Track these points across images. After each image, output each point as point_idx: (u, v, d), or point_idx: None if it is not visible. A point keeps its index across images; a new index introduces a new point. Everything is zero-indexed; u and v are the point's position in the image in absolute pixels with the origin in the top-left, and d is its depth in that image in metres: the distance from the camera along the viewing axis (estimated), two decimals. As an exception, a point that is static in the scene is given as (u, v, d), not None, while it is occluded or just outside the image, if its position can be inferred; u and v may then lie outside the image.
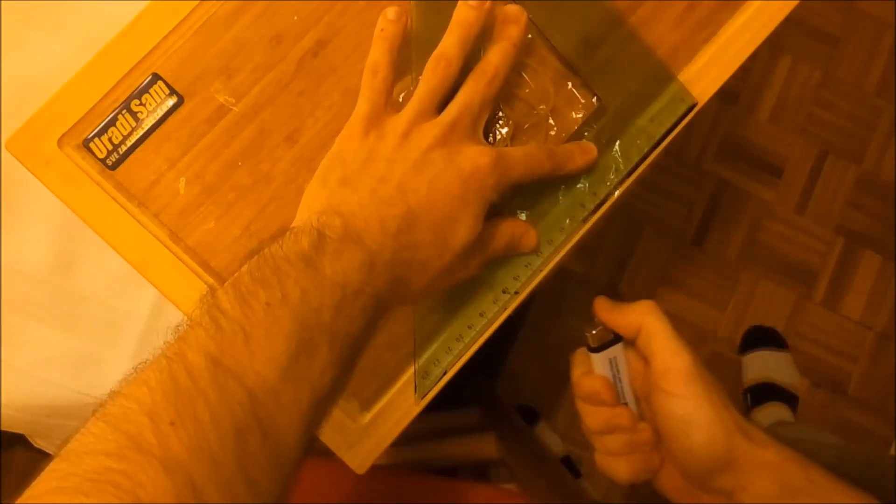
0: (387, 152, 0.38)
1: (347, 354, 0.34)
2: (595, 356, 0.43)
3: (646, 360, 0.41)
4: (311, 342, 0.32)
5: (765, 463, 0.38)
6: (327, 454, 0.44)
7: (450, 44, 0.41)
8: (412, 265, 0.37)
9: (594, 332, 0.42)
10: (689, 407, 0.39)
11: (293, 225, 0.36)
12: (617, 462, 0.42)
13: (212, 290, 0.33)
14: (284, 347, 0.31)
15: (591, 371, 0.43)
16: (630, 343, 0.43)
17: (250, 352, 0.31)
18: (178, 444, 0.28)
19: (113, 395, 0.30)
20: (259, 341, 0.31)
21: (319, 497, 0.65)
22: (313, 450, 0.38)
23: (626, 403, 0.43)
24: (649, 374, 0.41)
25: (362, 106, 0.40)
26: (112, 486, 0.26)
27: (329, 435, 0.44)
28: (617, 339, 0.42)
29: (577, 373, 0.44)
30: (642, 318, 0.41)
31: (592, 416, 0.43)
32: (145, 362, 0.31)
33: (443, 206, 0.38)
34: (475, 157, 0.39)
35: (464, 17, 0.41)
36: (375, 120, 0.40)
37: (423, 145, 0.38)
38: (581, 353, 0.44)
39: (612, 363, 0.42)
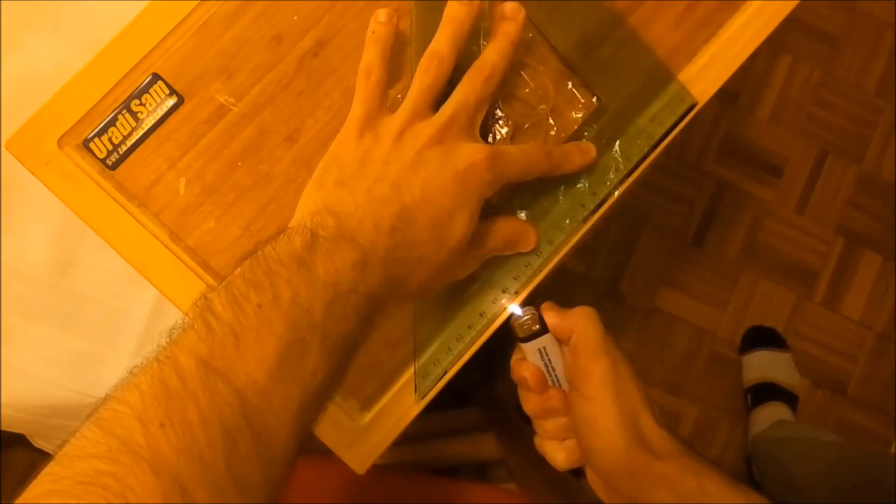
0: (382, 153, 0.39)
1: (340, 353, 0.35)
2: (525, 346, 0.43)
3: (572, 359, 0.42)
4: (301, 342, 0.32)
5: (661, 475, 0.39)
6: (327, 454, 0.44)
7: (441, 41, 0.41)
8: (408, 263, 0.38)
9: (520, 321, 0.43)
10: (594, 411, 0.40)
11: (289, 226, 0.37)
12: (554, 446, 0.44)
13: (205, 293, 0.33)
14: (275, 348, 0.32)
15: (525, 358, 0.44)
16: (564, 343, 0.44)
17: (240, 354, 0.31)
18: (167, 446, 0.28)
19: (106, 399, 0.30)
20: (249, 343, 0.31)
21: (319, 497, 0.65)
22: (313, 449, 0.38)
23: (560, 388, 0.44)
24: (570, 372, 0.42)
25: (357, 108, 0.41)
26: (102, 488, 0.26)
27: (329, 434, 0.44)
28: (543, 330, 0.43)
29: (513, 359, 0.45)
30: (577, 320, 0.42)
31: (527, 402, 0.44)
32: (139, 366, 0.31)
33: (438, 204, 0.38)
34: (471, 154, 0.39)
35: (455, 14, 0.41)
36: (371, 121, 0.40)
37: (418, 144, 0.38)
38: None
39: (543, 352, 0.43)
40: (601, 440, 0.40)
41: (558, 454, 0.44)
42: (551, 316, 0.43)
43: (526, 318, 0.43)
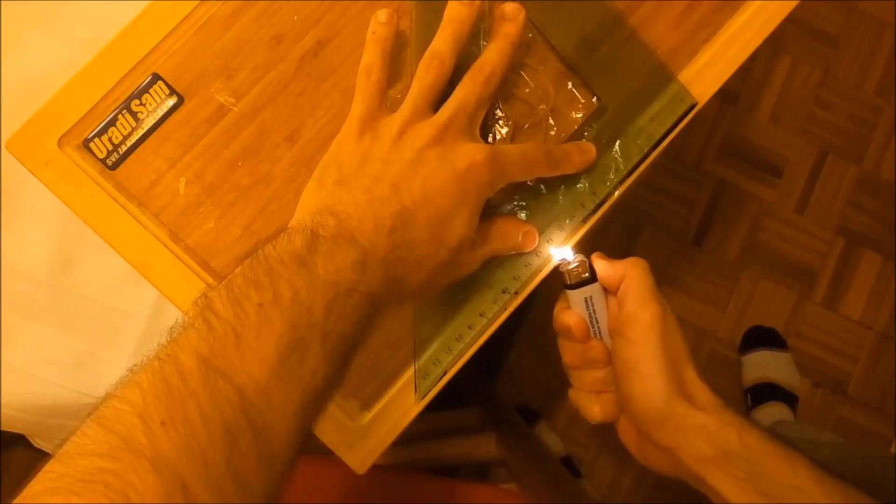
0: (382, 153, 0.39)
1: (341, 352, 0.35)
2: (571, 293, 0.43)
3: (620, 306, 0.42)
4: (302, 341, 0.32)
5: (701, 426, 0.38)
6: (327, 454, 0.44)
7: (442, 41, 0.41)
8: (407, 263, 0.38)
9: (569, 268, 0.43)
10: (637, 355, 0.40)
11: (289, 226, 0.37)
12: (590, 399, 0.44)
13: (206, 291, 0.33)
14: (275, 347, 0.32)
15: (569, 307, 0.44)
16: (612, 292, 0.43)
17: (241, 353, 0.31)
18: (169, 444, 0.28)
19: (107, 397, 0.30)
20: (250, 342, 0.31)
21: (319, 497, 0.65)
22: (313, 449, 0.38)
23: (602, 340, 0.44)
24: (617, 318, 0.42)
25: (357, 108, 0.41)
26: (103, 485, 0.26)
27: (329, 435, 0.44)
28: (592, 279, 0.43)
29: (557, 307, 0.44)
30: (628, 269, 0.42)
31: (568, 351, 0.44)
32: (139, 365, 0.31)
33: (438, 204, 0.38)
34: (470, 154, 0.39)
35: (456, 14, 0.41)
36: (370, 121, 0.40)
37: (418, 144, 0.38)
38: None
39: (588, 302, 0.43)
40: (642, 384, 0.39)
41: (594, 406, 0.43)
42: (602, 264, 0.42)
43: (575, 265, 0.42)
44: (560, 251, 0.44)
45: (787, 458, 0.38)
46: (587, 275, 0.42)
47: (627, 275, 0.41)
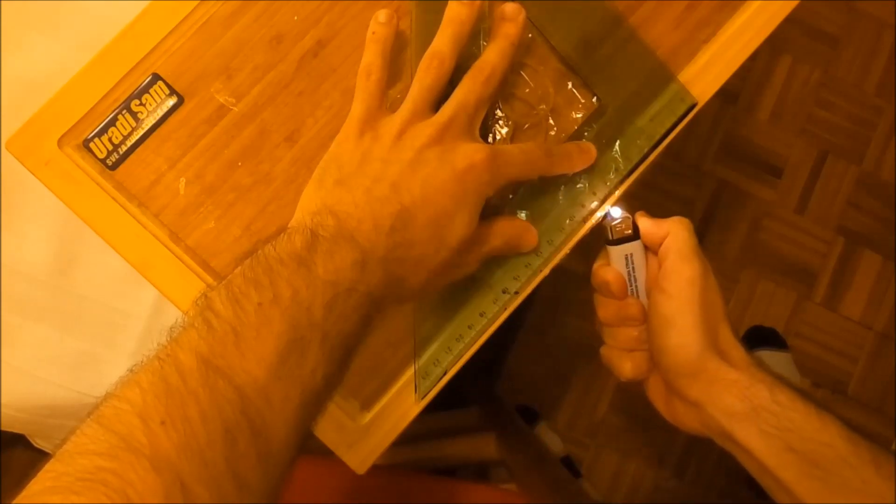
0: (381, 153, 0.39)
1: (340, 352, 0.35)
2: (612, 249, 0.43)
3: (661, 263, 0.42)
4: (301, 341, 0.32)
5: (732, 380, 0.39)
6: (327, 454, 0.44)
7: (442, 42, 0.41)
8: (407, 262, 0.38)
9: (613, 223, 0.43)
10: (674, 308, 0.40)
11: (289, 226, 0.37)
12: (622, 356, 0.44)
13: (206, 291, 0.34)
14: (275, 347, 0.32)
15: (609, 264, 0.44)
16: (654, 251, 0.44)
17: (241, 352, 0.31)
18: (168, 444, 0.28)
19: (107, 396, 0.30)
20: (249, 341, 0.31)
21: (319, 497, 0.65)
22: (313, 449, 0.38)
23: (638, 299, 0.44)
24: (657, 275, 0.42)
25: (357, 108, 0.41)
26: (103, 484, 0.26)
27: (329, 435, 0.44)
28: (634, 236, 0.43)
29: (596, 263, 0.45)
30: (671, 227, 0.42)
31: (603, 308, 0.45)
32: (139, 364, 0.31)
33: (437, 204, 0.38)
34: (470, 154, 0.39)
35: (456, 14, 0.41)
36: (370, 121, 0.40)
37: (418, 144, 0.38)
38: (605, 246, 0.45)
39: (629, 259, 0.43)
40: (678, 336, 0.40)
41: (625, 363, 0.44)
42: (646, 221, 0.43)
43: (619, 220, 0.43)
44: (609, 208, 0.44)
45: (818, 417, 0.38)
46: (630, 231, 0.43)
47: (671, 232, 0.42)
